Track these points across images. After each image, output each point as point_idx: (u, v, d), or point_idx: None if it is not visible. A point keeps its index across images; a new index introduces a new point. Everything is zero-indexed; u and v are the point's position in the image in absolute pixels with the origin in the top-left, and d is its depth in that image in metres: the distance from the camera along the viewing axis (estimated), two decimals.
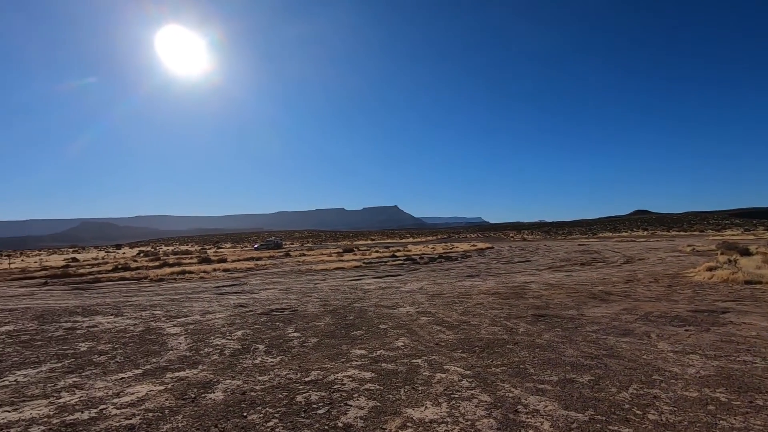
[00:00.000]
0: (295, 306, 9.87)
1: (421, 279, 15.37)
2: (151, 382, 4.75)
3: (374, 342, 6.33)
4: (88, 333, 7.57)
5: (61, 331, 7.76)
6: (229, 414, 3.83)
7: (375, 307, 9.42)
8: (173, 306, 10.51)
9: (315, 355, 5.70)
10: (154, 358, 5.80)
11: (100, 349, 6.35)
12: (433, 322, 7.66)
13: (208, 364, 5.44)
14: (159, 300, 11.82)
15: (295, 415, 3.77)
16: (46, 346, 6.68)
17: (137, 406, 4.06)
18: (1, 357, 6.06)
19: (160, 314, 9.32)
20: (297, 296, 11.60)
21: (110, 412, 3.91)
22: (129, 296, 13.05)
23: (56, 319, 9.15)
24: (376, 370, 4.96)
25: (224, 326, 7.80)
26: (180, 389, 4.50)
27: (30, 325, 8.54)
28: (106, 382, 4.80)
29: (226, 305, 10.36)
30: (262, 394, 4.29)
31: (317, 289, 13.24)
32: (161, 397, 4.27)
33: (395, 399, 4.09)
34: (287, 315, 8.75)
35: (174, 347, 6.35)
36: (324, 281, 15.67)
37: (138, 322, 8.49)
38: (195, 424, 3.63)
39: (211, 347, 6.29)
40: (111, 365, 5.51)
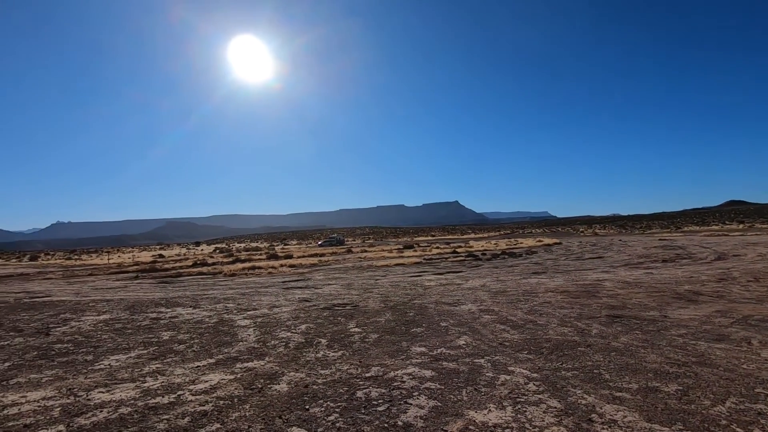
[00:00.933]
0: (356, 301, 10.02)
1: (484, 276, 14.92)
2: (222, 371, 5.03)
3: (435, 340, 6.22)
4: (170, 323, 8.24)
5: (147, 321, 8.52)
6: (292, 406, 3.93)
7: (436, 304, 9.28)
8: (244, 299, 11.14)
9: (375, 351, 5.71)
10: (226, 348, 6.16)
11: (180, 339, 6.87)
12: (496, 320, 7.37)
13: (274, 356, 5.66)
14: (231, 294, 12.60)
15: (355, 410, 3.78)
16: (135, 334, 7.37)
17: (210, 393, 4.31)
18: (99, 343, 6.78)
19: (232, 307, 9.91)
20: (358, 292, 11.77)
21: (186, 398, 4.19)
22: (205, 290, 14.06)
23: (144, 309, 10.08)
24: (436, 369, 4.85)
25: (289, 320, 8.10)
26: (248, 379, 4.71)
27: (123, 314, 9.49)
28: (184, 370, 5.17)
29: (291, 299, 10.78)
30: (323, 388, 4.36)
31: (378, 285, 13.35)
32: (231, 386, 4.50)
33: (457, 400, 3.96)
34: (349, 310, 8.90)
35: (244, 339, 6.70)
36: (384, 277, 15.78)
37: (213, 314, 9.09)
38: (261, 414, 3.77)
39: (277, 340, 6.55)
40: (188, 354, 5.93)
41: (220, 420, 3.66)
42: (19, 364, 5.68)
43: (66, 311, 10.30)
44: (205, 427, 3.54)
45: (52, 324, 8.59)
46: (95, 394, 4.39)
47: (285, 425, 3.53)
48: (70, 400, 4.26)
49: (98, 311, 10.08)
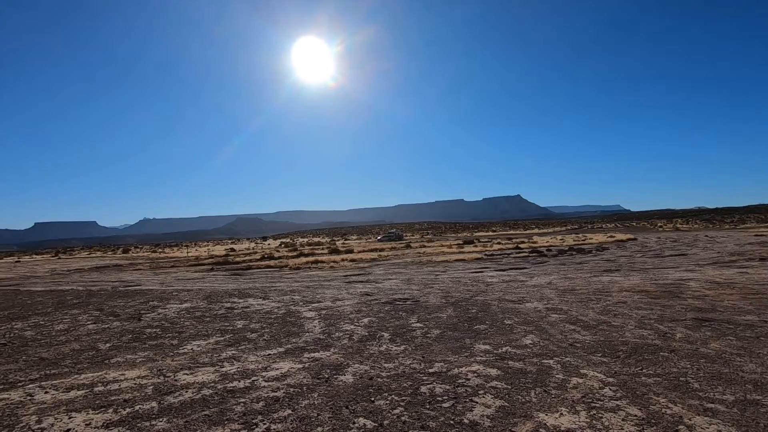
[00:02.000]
0: (416, 297, 10.02)
1: (550, 273, 14.24)
2: (291, 360, 5.28)
3: (499, 338, 6.05)
4: (243, 313, 8.79)
5: (223, 310, 9.17)
6: (358, 397, 4.03)
7: (499, 301, 9.02)
8: (309, 292, 11.59)
9: (438, 347, 5.68)
10: (294, 338, 6.45)
11: (252, 327, 7.31)
12: (565, 320, 7.00)
13: (339, 347, 5.83)
14: (297, 286, 13.17)
15: (420, 405, 3.79)
16: (213, 322, 7.96)
17: (281, 380, 4.54)
18: (182, 329, 7.41)
19: (298, 299, 10.36)
20: (419, 287, 11.77)
21: (260, 384, 4.45)
22: (273, 282, 14.82)
23: (219, 299, 10.85)
24: (502, 368, 4.71)
25: (352, 313, 8.30)
26: (315, 369, 4.90)
27: (201, 303, 10.29)
28: (257, 357, 5.49)
29: (353, 293, 11.03)
30: (387, 381, 4.42)
31: (438, 280, 13.25)
32: (300, 375, 4.71)
33: (525, 401, 3.82)
34: (410, 305, 8.92)
35: (310, 330, 6.98)
36: (444, 273, 15.62)
37: (281, 305, 9.56)
38: (329, 403, 3.90)
39: (341, 332, 6.74)
40: (260, 342, 6.29)
41: (291, 406, 3.85)
42: (118, 345, 6.37)
43: (153, 299, 11.38)
44: (278, 412, 3.73)
45: (143, 310, 9.53)
46: (181, 376, 4.80)
47: (352, 415, 3.62)
48: (160, 379, 4.70)
49: (180, 300, 11.02)
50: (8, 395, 4.37)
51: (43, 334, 7.35)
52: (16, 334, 7.42)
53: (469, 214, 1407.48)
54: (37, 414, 3.85)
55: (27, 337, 7.20)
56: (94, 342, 6.65)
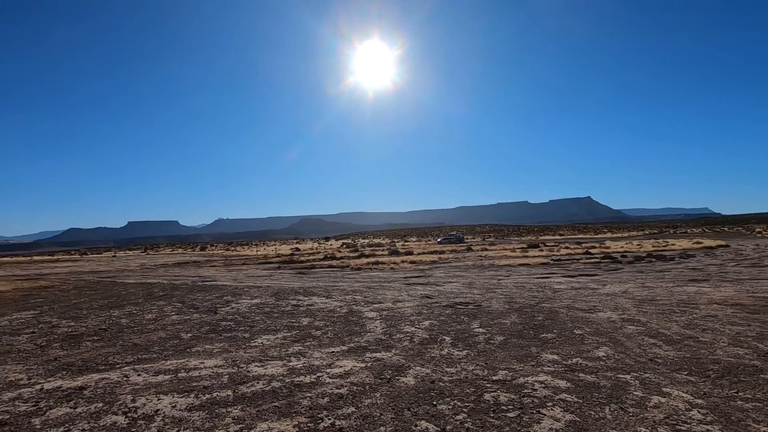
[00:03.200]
0: (478, 301, 9.80)
1: (625, 281, 13.22)
2: (354, 359, 5.40)
3: (568, 348, 5.73)
4: (308, 310, 9.15)
5: (289, 307, 9.61)
6: (420, 400, 4.02)
7: (567, 309, 8.54)
8: (370, 292, 11.78)
9: (502, 354, 5.50)
10: (356, 337, 6.59)
11: (316, 325, 7.58)
12: (643, 332, 6.46)
13: (400, 349, 5.87)
14: (358, 286, 13.44)
15: (483, 413, 3.70)
16: (280, 318, 8.37)
17: (345, 378, 4.66)
18: (253, 323, 7.87)
19: (360, 299, 10.57)
20: (480, 291, 11.49)
21: (325, 380, 4.61)
22: (335, 281, 15.26)
23: (286, 296, 11.38)
24: (572, 380, 4.46)
25: (413, 315, 8.31)
26: (377, 369, 4.97)
27: (270, 300, 10.87)
28: (321, 354, 5.69)
29: (413, 295, 11.04)
30: (450, 386, 4.36)
31: (501, 285, 12.85)
32: (363, 374, 4.80)
33: (598, 417, 3.59)
34: (471, 309, 8.75)
35: (371, 330, 7.09)
36: (508, 277, 15.11)
37: (343, 304, 9.82)
38: (391, 403, 3.94)
39: (402, 333, 6.78)
40: (324, 339, 6.51)
41: (354, 404, 3.94)
42: (197, 336, 6.92)
43: (227, 294, 12.21)
44: (342, 408, 3.84)
45: (218, 304, 10.26)
46: (252, 368, 5.11)
47: (414, 418, 3.63)
48: (234, 370, 5.03)
49: (251, 296, 11.72)
50: (108, 375, 4.92)
51: (135, 322, 8.19)
52: (114, 321, 8.34)
53: (533, 217, 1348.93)
54: (132, 394, 4.29)
55: (122, 324, 8.06)
56: (178, 331, 7.29)
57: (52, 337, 7.04)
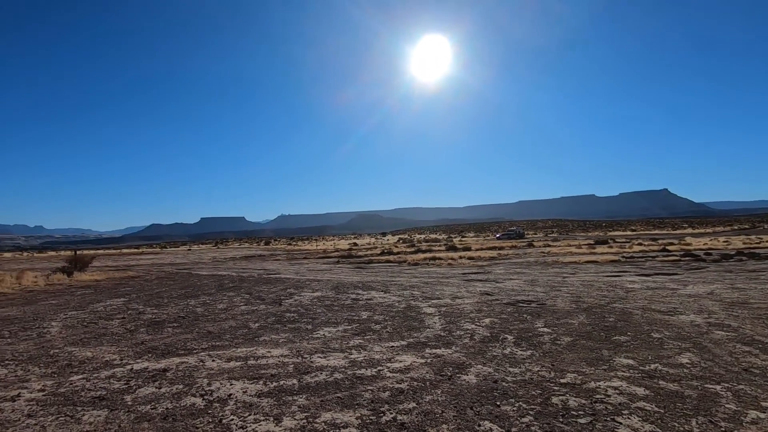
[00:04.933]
0: (542, 299, 9.37)
1: (710, 281, 11.98)
2: (414, 354, 5.39)
3: (645, 352, 5.30)
4: (367, 304, 9.29)
5: (349, 301, 9.81)
6: (482, 399, 3.92)
7: (643, 310, 7.91)
8: (427, 288, 11.72)
9: (569, 356, 5.22)
10: (415, 333, 6.58)
11: (375, 319, 7.67)
12: (735, 339, 5.81)
13: (460, 346, 5.77)
14: (416, 281, 13.42)
15: (551, 417, 3.52)
16: (341, 311, 8.58)
17: (405, 373, 4.67)
18: (315, 315, 8.14)
19: (418, 294, 10.54)
20: (544, 289, 10.99)
21: (385, 374, 4.64)
22: (393, 276, 15.36)
23: (345, 290, 11.65)
24: (651, 388, 4.12)
25: (472, 312, 8.13)
26: (438, 365, 4.92)
27: (330, 293, 11.18)
28: (381, 348, 5.74)
29: (472, 292, 10.81)
30: (514, 387, 4.21)
31: (566, 283, 12.20)
32: (423, 370, 4.78)
33: (683, 430, 3.27)
34: (535, 308, 8.39)
35: (430, 326, 7.04)
36: (574, 275, 14.31)
37: (401, 299, 9.85)
38: (452, 401, 3.88)
39: (461, 330, 6.66)
40: (384, 334, 6.57)
41: (415, 400, 3.93)
42: (264, 326, 7.28)
43: (290, 287, 12.74)
44: (403, 403, 3.84)
45: (282, 296, 10.74)
46: (316, 358, 5.28)
47: (477, 417, 3.55)
48: (298, 360, 5.23)
49: (312, 289, 12.13)
50: (187, 360, 5.33)
51: (209, 311, 8.80)
52: (190, 310, 9.02)
53: (601, 211, 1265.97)
54: (208, 378, 4.61)
55: (198, 312, 8.70)
56: (246, 321, 7.72)
57: (139, 323, 7.76)
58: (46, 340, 6.57)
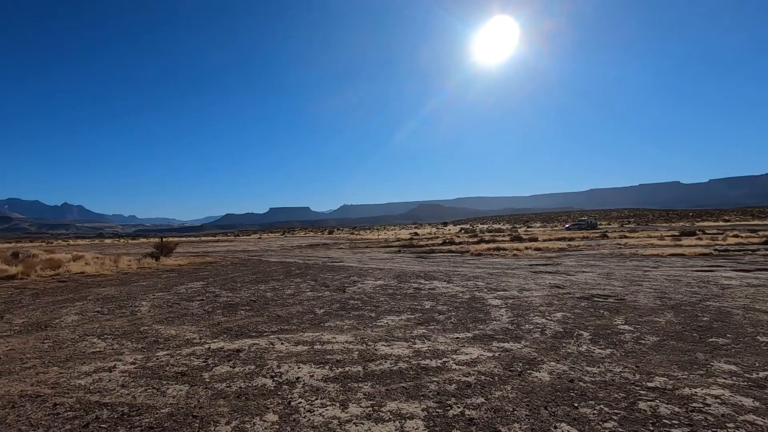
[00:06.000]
0: (620, 294, 8.64)
1: None
2: (480, 347, 5.19)
3: (751, 358, 4.64)
4: (429, 294, 9.16)
5: (411, 290, 9.75)
6: (557, 399, 3.65)
7: (744, 310, 6.98)
8: (492, 279, 11.32)
9: (657, 358, 4.71)
10: (481, 325, 6.34)
11: (439, 309, 7.53)
12: None
13: (530, 341, 5.45)
14: (479, 272, 13.03)
15: (640, 424, 3.18)
16: (403, 300, 8.54)
17: (471, 366, 4.50)
18: (378, 303, 8.18)
19: (482, 285, 10.21)
20: (622, 283, 10.13)
21: (451, 366, 4.50)
22: (455, 267, 15.06)
23: (407, 279, 11.60)
24: (762, 399, 3.57)
25: (542, 305, 7.70)
26: (506, 360, 4.68)
27: (392, 282, 11.19)
28: (446, 339, 5.60)
29: (541, 284, 10.26)
30: (593, 388, 3.87)
31: (647, 277, 11.15)
32: (490, 363, 4.57)
33: None
34: (612, 303, 7.74)
35: (497, 318, 6.76)
36: (656, 269, 13.06)
37: (465, 290, 9.60)
38: (524, 399, 3.66)
39: (531, 324, 6.31)
40: (448, 324, 6.41)
41: (483, 395, 3.75)
42: (329, 312, 7.44)
43: (353, 275, 12.96)
44: (471, 398, 3.69)
45: (346, 284, 10.94)
46: (380, 346, 5.27)
47: (552, 418, 3.30)
48: (363, 347, 5.26)
49: (375, 277, 12.23)
50: (258, 342, 5.57)
51: (278, 296, 9.19)
52: (261, 295, 9.49)
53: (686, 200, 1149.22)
54: (277, 360, 4.78)
55: (268, 297, 9.12)
56: (312, 307, 7.95)
57: (216, 305, 8.30)
58: (137, 317, 7.24)
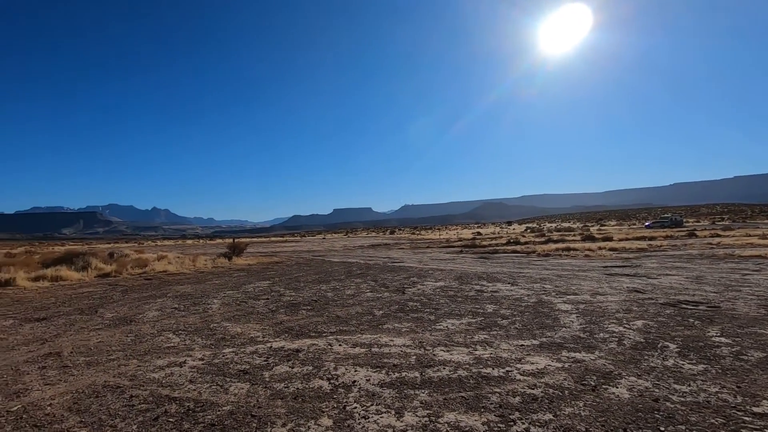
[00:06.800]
0: (714, 301, 7.64)
1: None
2: (548, 356, 4.80)
3: None
4: (492, 297, 8.76)
5: (473, 292, 9.40)
6: (639, 420, 3.23)
7: None
8: (561, 282, 10.59)
9: (764, 377, 4.04)
10: (549, 331, 5.90)
11: (502, 313, 7.14)
12: None
13: (605, 351, 4.96)
14: (547, 274, 12.28)
15: None
16: (464, 302, 8.23)
17: (538, 377, 4.16)
18: (437, 306, 7.96)
19: (550, 288, 9.58)
20: (715, 288, 8.98)
21: (515, 376, 4.20)
22: (521, 268, 14.34)
23: (469, 281, 11.22)
24: None
25: (619, 312, 7.02)
26: (578, 372, 4.28)
27: (453, 283, 10.89)
28: (509, 345, 5.26)
29: (617, 288, 9.40)
30: (683, 410, 3.39)
31: (748, 281, 9.79)
32: (559, 375, 4.20)
33: None
34: (704, 311, 6.86)
35: (566, 325, 6.26)
36: (758, 272, 11.44)
37: (531, 293, 9.06)
38: (599, 418, 3.28)
39: (606, 333, 5.75)
40: (511, 330, 6.04)
41: (551, 410, 3.43)
42: (387, 314, 7.37)
43: (413, 275, 12.81)
44: (537, 413, 3.39)
45: (406, 285, 10.83)
46: (438, 351, 5.07)
47: None
48: (421, 351, 5.10)
49: (435, 278, 11.99)
50: (317, 342, 5.63)
51: (338, 296, 9.31)
52: (322, 295, 9.67)
53: None
54: (334, 362, 4.77)
55: (329, 297, 9.27)
56: (371, 308, 7.93)
57: (279, 304, 8.58)
58: (208, 315, 7.68)
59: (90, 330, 6.67)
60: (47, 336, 6.35)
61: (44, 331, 6.71)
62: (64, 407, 3.71)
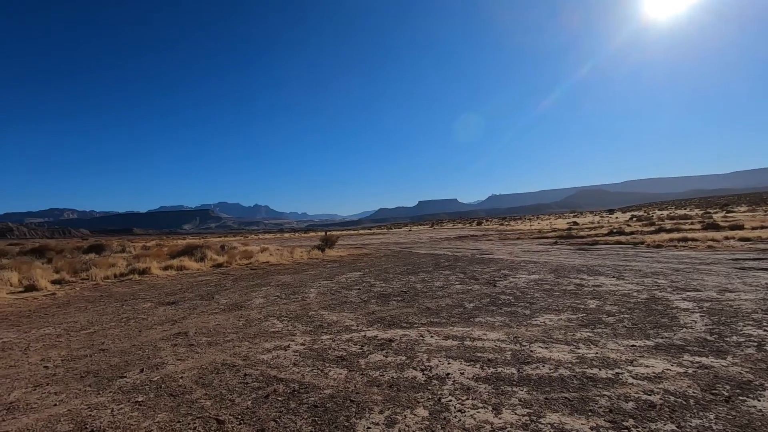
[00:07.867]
0: None
1: None
2: (665, 359, 4.28)
3: None
4: (594, 291, 8.07)
5: (572, 286, 8.75)
6: None
7: None
8: (678, 276, 9.38)
9: None
10: (665, 332, 5.26)
11: (607, 310, 6.54)
12: None
13: (740, 357, 4.27)
14: (660, 267, 10.97)
15: None
16: (562, 297, 7.71)
17: (655, 382, 3.73)
18: (532, 300, 7.56)
19: (664, 284, 8.54)
20: None
21: (626, 380, 3.81)
22: (627, 260, 13.00)
23: (566, 274, 10.48)
24: None
25: (756, 312, 6.00)
26: (705, 379, 3.75)
27: (549, 276, 10.26)
28: (617, 345, 4.80)
29: (753, 285, 8.05)
30: None
31: None
32: (682, 382, 3.72)
33: None
34: None
35: (688, 325, 5.52)
36: None
37: (641, 288, 8.17)
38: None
39: (740, 336, 4.96)
40: (619, 328, 5.50)
41: (674, 420, 3.05)
42: (479, 307, 7.19)
43: (504, 268, 12.33)
44: (656, 422, 3.04)
45: (496, 277, 10.46)
46: (536, 348, 4.81)
47: None
48: (516, 347, 4.88)
49: (528, 271, 11.41)
50: (409, 333, 5.70)
51: (427, 288, 9.32)
52: (411, 286, 9.76)
53: None
54: (427, 353, 4.78)
55: (418, 289, 9.33)
56: (461, 300, 7.80)
57: (371, 294, 8.85)
58: (306, 303, 8.21)
59: (209, 314, 7.53)
60: (176, 318, 7.32)
61: (174, 313, 7.74)
62: (192, 380, 4.24)
